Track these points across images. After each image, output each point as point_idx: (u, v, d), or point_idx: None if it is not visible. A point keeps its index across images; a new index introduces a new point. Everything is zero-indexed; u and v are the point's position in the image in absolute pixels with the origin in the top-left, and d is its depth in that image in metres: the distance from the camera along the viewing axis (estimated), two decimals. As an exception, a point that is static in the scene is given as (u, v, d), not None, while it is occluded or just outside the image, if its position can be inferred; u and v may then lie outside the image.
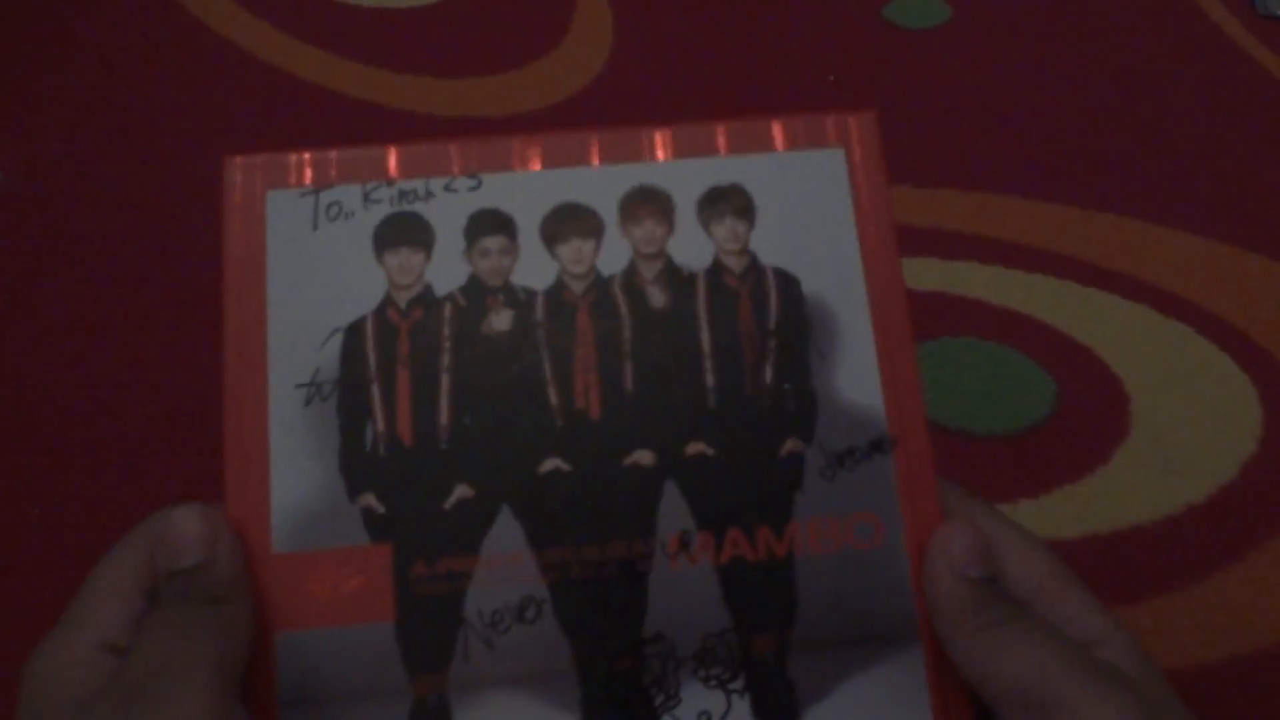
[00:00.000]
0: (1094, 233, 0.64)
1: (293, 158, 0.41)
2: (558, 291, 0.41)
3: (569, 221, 0.41)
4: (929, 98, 0.70)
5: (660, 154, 0.42)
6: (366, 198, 0.41)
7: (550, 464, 0.39)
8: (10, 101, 0.61)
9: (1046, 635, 0.34)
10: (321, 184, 0.41)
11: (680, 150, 0.42)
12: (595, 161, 0.42)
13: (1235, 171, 0.69)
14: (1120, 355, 0.59)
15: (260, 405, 0.39)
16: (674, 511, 0.39)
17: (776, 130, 0.42)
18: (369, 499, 0.38)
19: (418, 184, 0.41)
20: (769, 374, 0.40)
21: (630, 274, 0.41)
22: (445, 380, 0.39)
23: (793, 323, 0.41)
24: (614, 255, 0.41)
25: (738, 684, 0.38)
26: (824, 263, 0.41)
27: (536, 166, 0.42)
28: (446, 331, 0.40)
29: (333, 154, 0.42)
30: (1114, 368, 0.58)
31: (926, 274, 0.57)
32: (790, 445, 0.39)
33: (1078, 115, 0.72)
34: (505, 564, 0.38)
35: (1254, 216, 0.67)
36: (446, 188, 0.41)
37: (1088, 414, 0.52)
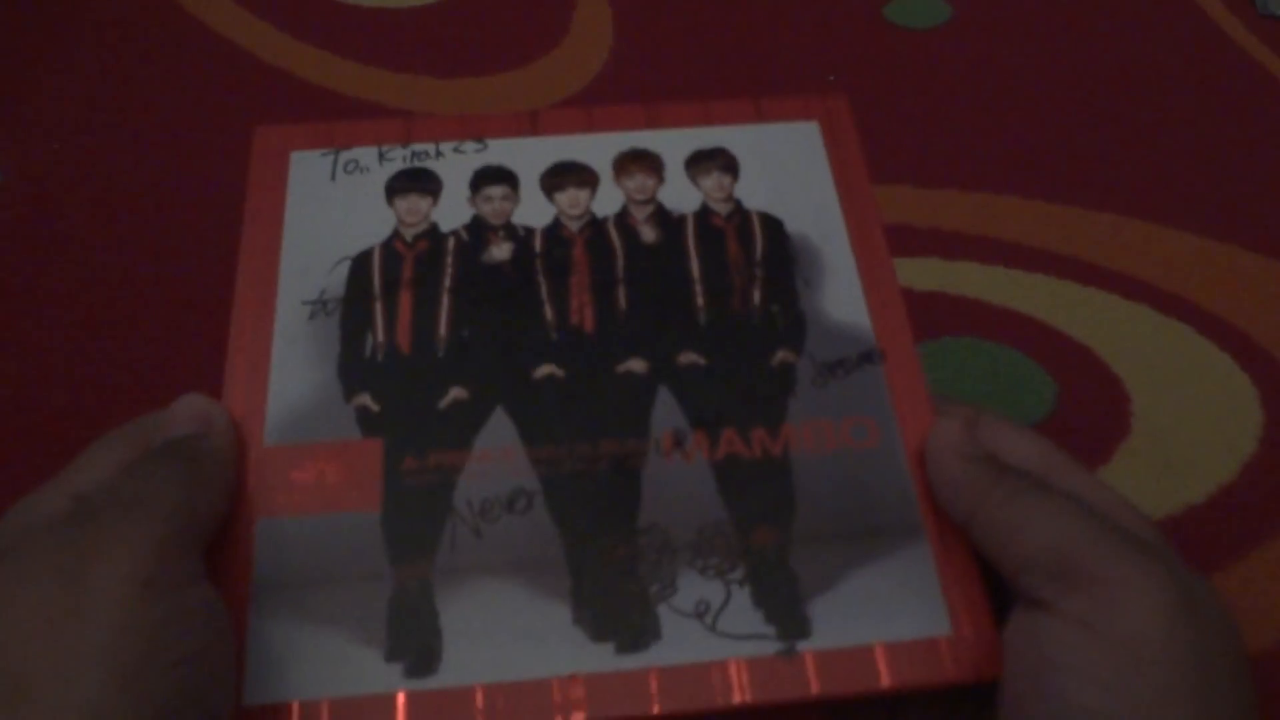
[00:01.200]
0: (1094, 233, 0.63)
1: (319, 125, 0.46)
2: (555, 229, 0.43)
3: (566, 174, 0.44)
4: (929, 98, 0.71)
5: (649, 126, 0.46)
6: (382, 157, 0.45)
7: (545, 370, 0.40)
8: (10, 101, 0.60)
9: (1071, 503, 0.33)
10: (341, 145, 0.45)
11: (668, 123, 0.46)
12: (594, 129, 0.46)
13: (1235, 171, 0.68)
14: (1120, 355, 0.58)
15: (266, 317, 0.40)
16: (667, 414, 0.39)
17: (756, 107, 0.47)
18: (364, 399, 0.39)
19: (429, 146, 0.45)
20: (757, 296, 0.42)
21: (623, 215, 0.44)
22: (446, 300, 0.41)
23: (778, 255, 0.43)
24: (608, 202, 0.44)
25: (737, 574, 0.36)
26: (805, 208, 0.44)
27: (535, 134, 0.46)
28: (449, 260, 0.42)
29: (353, 123, 0.46)
30: (1114, 368, 0.57)
31: (927, 274, 0.59)
32: (781, 356, 0.40)
33: (1078, 115, 0.71)
34: (497, 458, 0.38)
35: (1254, 216, 0.66)
36: (456, 149, 0.45)
37: (1088, 414, 0.52)
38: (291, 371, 0.39)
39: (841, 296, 0.42)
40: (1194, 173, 0.67)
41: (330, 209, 0.43)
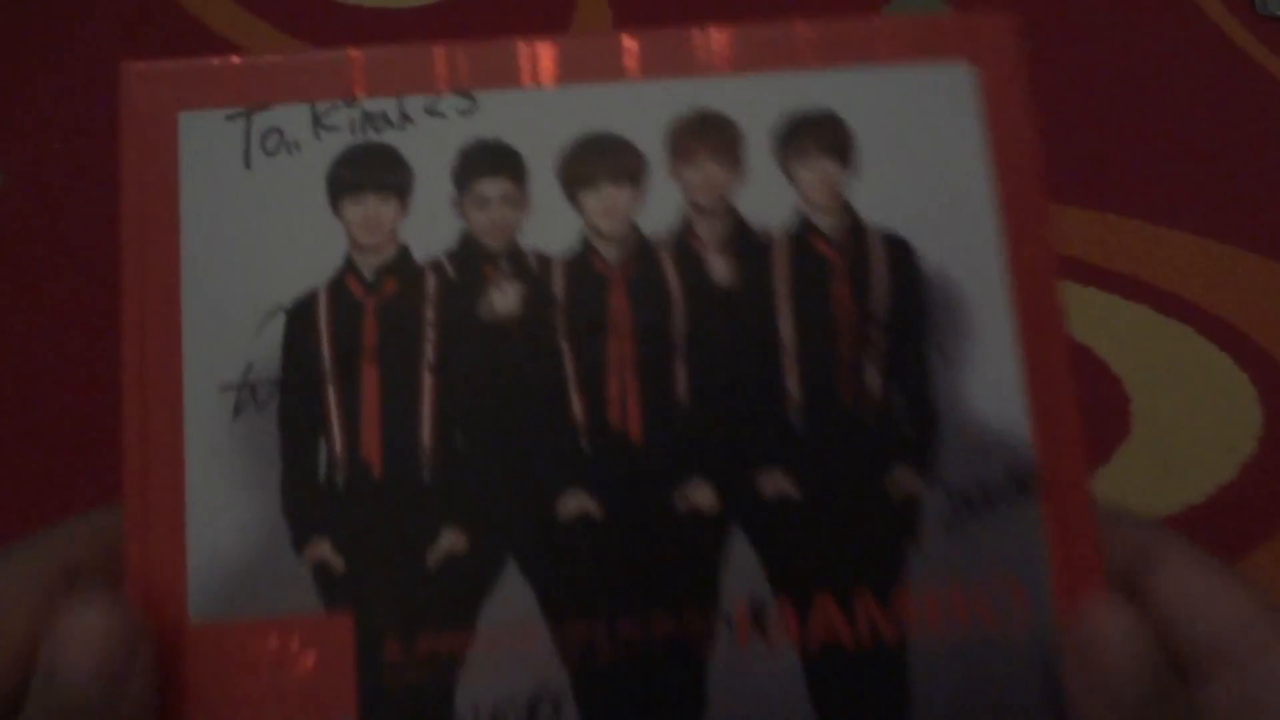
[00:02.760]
0: (1094, 233, 0.65)
1: (216, 64, 0.30)
2: (583, 258, 0.29)
3: (598, 159, 0.29)
4: None
5: (721, 65, 0.30)
6: (318, 122, 0.29)
7: (573, 503, 0.28)
8: (10, 101, 0.61)
9: None
10: (256, 103, 0.29)
11: (749, 61, 0.30)
12: (632, 74, 0.30)
13: (1235, 171, 0.70)
14: (1120, 355, 0.59)
15: (171, 416, 0.28)
16: (742, 571, 0.28)
17: (879, 35, 0.31)
18: (322, 549, 0.28)
19: (388, 104, 0.29)
20: (874, 379, 0.29)
21: (683, 235, 0.29)
22: (428, 382, 0.28)
23: (907, 307, 0.29)
24: (660, 208, 0.30)
25: (827, 807, 0.28)
26: (947, 224, 0.30)
27: (552, 82, 0.30)
28: (430, 314, 0.29)
29: (271, 60, 0.30)
30: (1114, 368, 0.59)
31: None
32: (902, 481, 0.29)
33: (1077, 115, 0.72)
34: (511, 643, 0.28)
35: (1254, 216, 0.68)
36: (429, 110, 0.29)
37: (1088, 414, 0.46)
38: (215, 502, 0.28)
39: (991, 377, 0.29)
40: (1194, 173, 0.67)
41: (247, 219, 0.29)
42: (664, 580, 0.28)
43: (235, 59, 0.30)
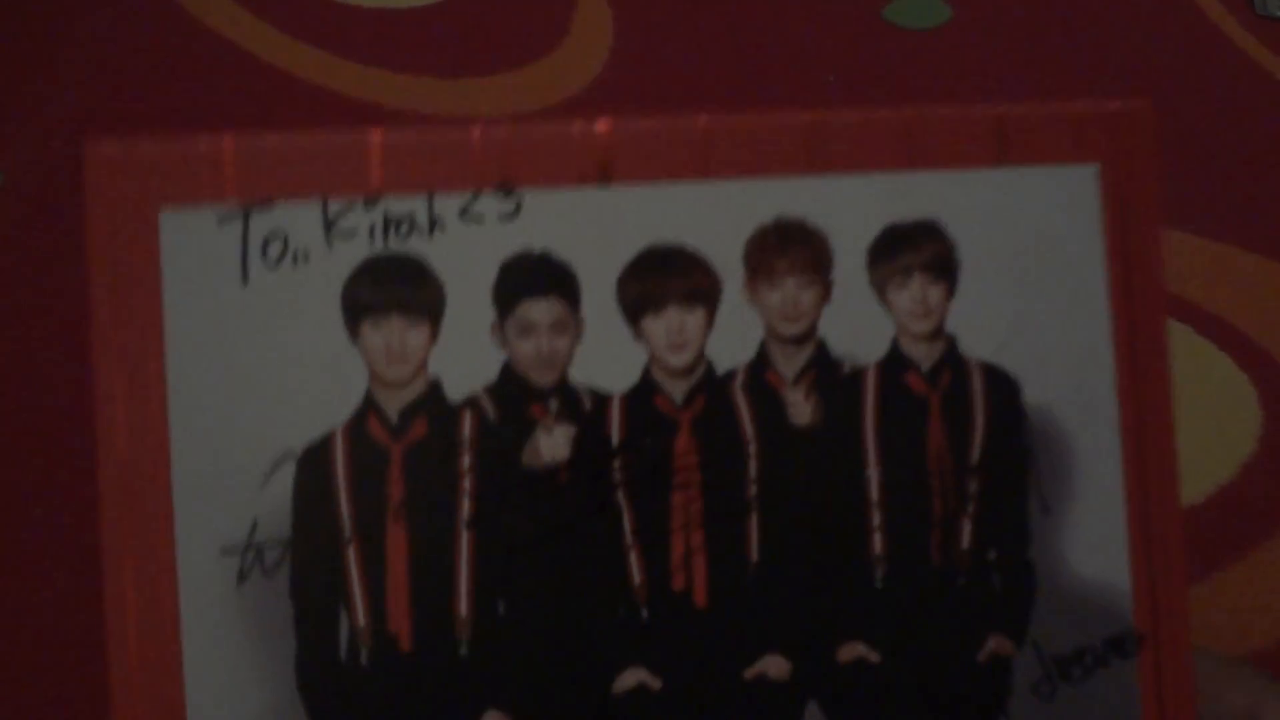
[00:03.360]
0: None
1: (202, 145, 0.24)
2: (645, 396, 0.25)
3: (665, 277, 0.25)
4: (929, 99, 0.69)
5: (810, 163, 0.26)
6: (331, 227, 0.24)
7: (631, 677, 0.25)
8: (10, 101, 0.62)
9: None
10: (255, 199, 0.24)
11: (842, 158, 0.26)
12: (702, 171, 0.25)
13: (1235, 171, 0.69)
14: None
15: (164, 586, 0.24)
16: (817, 749, 0.25)
17: (994, 128, 0.26)
18: (346, 736, 0.24)
19: (417, 204, 0.25)
20: (967, 535, 0.26)
21: (759, 369, 0.26)
22: (465, 543, 0.25)
23: (1007, 454, 0.26)
24: (735, 336, 0.26)
25: None
26: (1058, 355, 0.26)
27: (612, 179, 0.25)
28: (467, 462, 0.25)
29: (271, 143, 0.25)
30: None
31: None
32: (994, 646, 0.26)
33: None
34: (561, 835, 0.25)
35: (1254, 216, 0.67)
36: (464, 212, 0.25)
37: None
38: (219, 685, 0.24)
39: (1095, 533, 0.26)
40: (1194, 173, 0.66)
41: (247, 344, 0.24)
42: (732, 766, 0.25)
43: (228, 139, 0.24)
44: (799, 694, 0.25)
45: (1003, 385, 0.26)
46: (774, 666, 0.25)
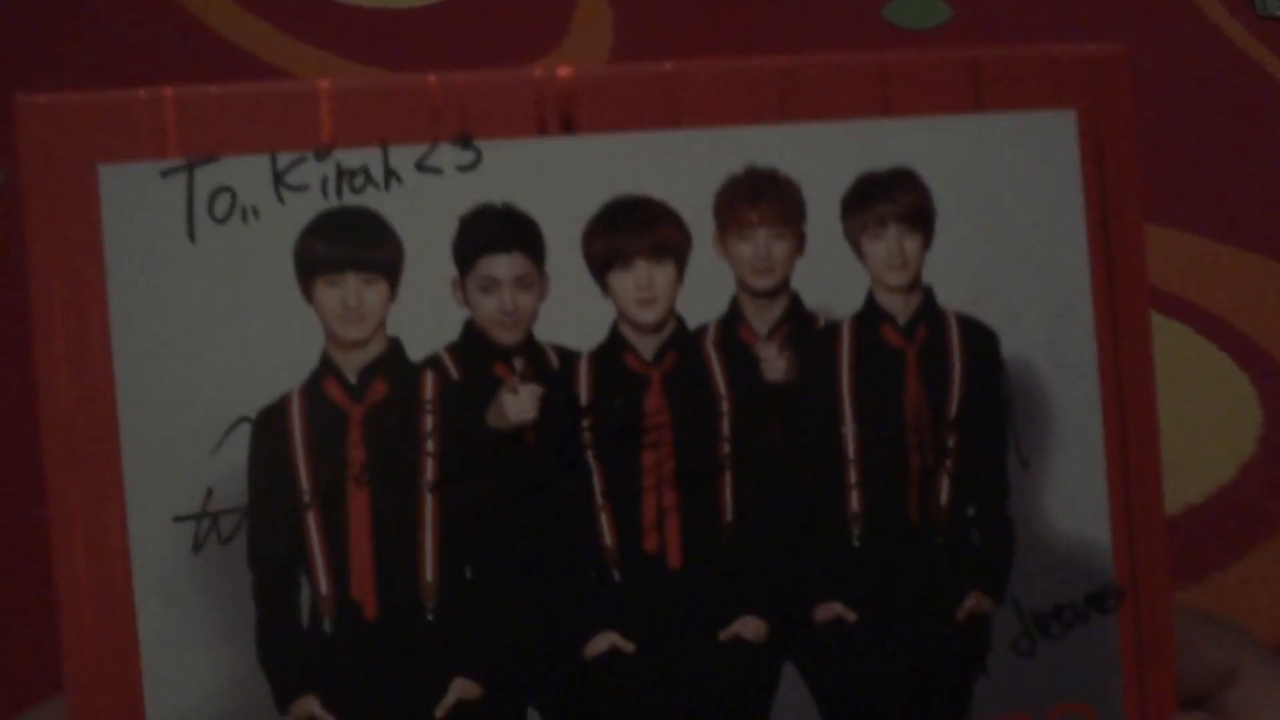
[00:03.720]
0: None
1: (142, 96, 0.23)
2: (614, 353, 0.24)
3: (632, 230, 0.24)
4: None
5: (782, 111, 0.25)
6: (281, 180, 0.23)
7: (604, 641, 0.24)
8: (10, 101, 0.57)
9: None
10: (199, 153, 0.23)
11: (814, 105, 0.25)
12: (670, 119, 0.24)
13: (1235, 171, 0.68)
14: None
15: (115, 557, 0.23)
16: (794, 710, 0.25)
17: (970, 74, 0.25)
18: (310, 706, 0.23)
19: (370, 156, 0.24)
20: (945, 491, 0.25)
21: (731, 324, 0.25)
22: (429, 504, 0.24)
23: (986, 408, 0.25)
24: (706, 290, 0.25)
25: None
26: (1035, 306, 0.26)
27: (575, 129, 0.24)
28: (429, 423, 0.24)
29: (215, 91, 0.23)
30: None
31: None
32: (972, 604, 0.25)
33: None
34: (534, 802, 0.24)
35: (1254, 216, 0.66)
36: (421, 164, 0.24)
37: None
38: (176, 658, 0.23)
39: (1076, 488, 0.26)
40: (1194, 173, 0.66)
41: (195, 304, 0.23)
42: (708, 729, 0.25)
43: (167, 91, 0.23)
44: (775, 655, 0.25)
45: (980, 337, 0.25)
46: (749, 628, 0.25)
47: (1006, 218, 0.25)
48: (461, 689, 0.24)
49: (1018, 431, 0.25)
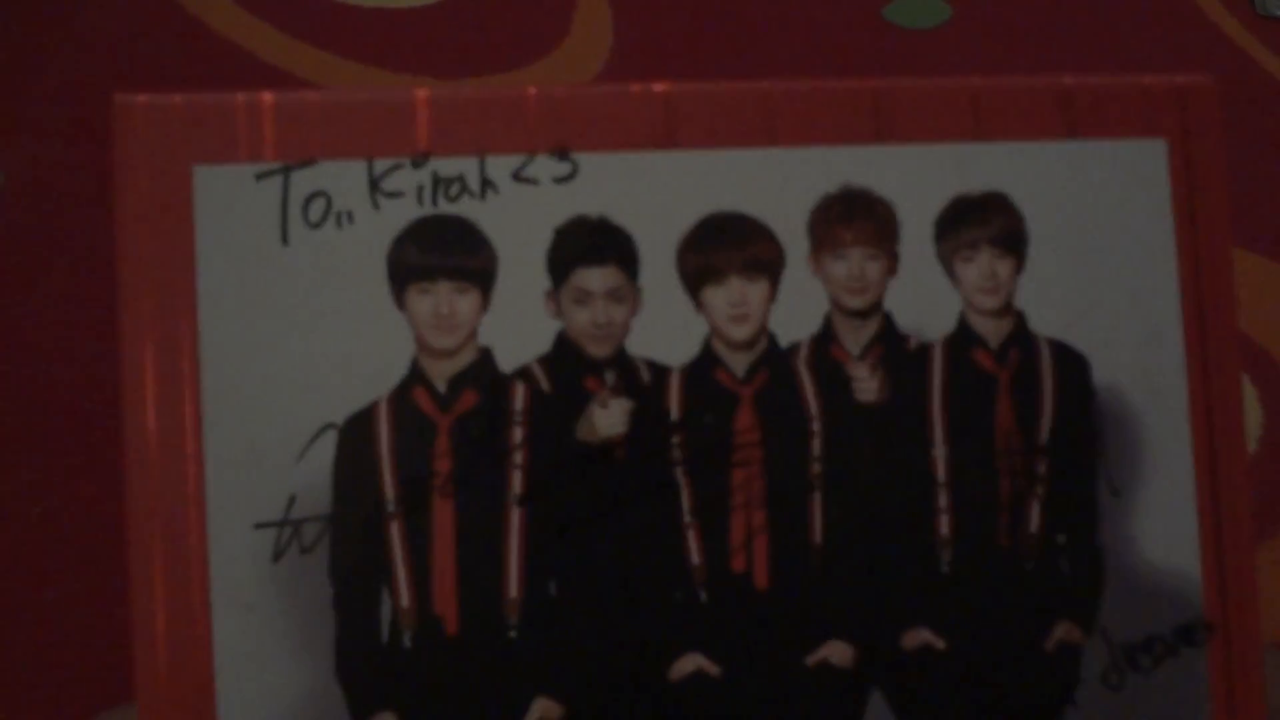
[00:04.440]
0: None
1: (240, 100, 0.23)
2: (706, 369, 0.24)
3: (726, 246, 0.24)
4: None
5: (877, 133, 0.25)
6: (377, 186, 0.23)
7: (689, 663, 0.24)
8: (10, 101, 0.61)
9: None
10: (297, 157, 0.23)
11: (908, 128, 0.25)
12: (765, 138, 0.24)
13: (1235, 172, 0.66)
14: None
15: (194, 564, 0.22)
16: (880, 741, 0.24)
17: (1063, 100, 0.25)
18: (387, 724, 0.23)
19: (467, 165, 0.23)
20: (1035, 518, 0.25)
21: (824, 343, 0.24)
22: (516, 520, 0.23)
23: (1077, 434, 0.25)
24: (799, 309, 0.24)
25: None
26: (1127, 334, 0.25)
27: (672, 143, 0.24)
28: (518, 435, 0.23)
29: (313, 97, 0.23)
30: None
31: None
32: (1061, 633, 0.25)
33: None
34: (614, 831, 0.23)
35: (1254, 216, 0.66)
36: (517, 174, 0.24)
37: None
38: (250, 670, 0.22)
39: (1166, 518, 0.25)
40: None
41: (285, 309, 0.23)
42: (794, 758, 0.24)
43: (267, 96, 0.23)
44: (863, 682, 0.24)
45: (1072, 363, 0.25)
46: (837, 653, 0.24)
47: (1097, 244, 0.25)
48: (543, 709, 0.23)
49: (1108, 459, 0.25)
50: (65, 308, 0.51)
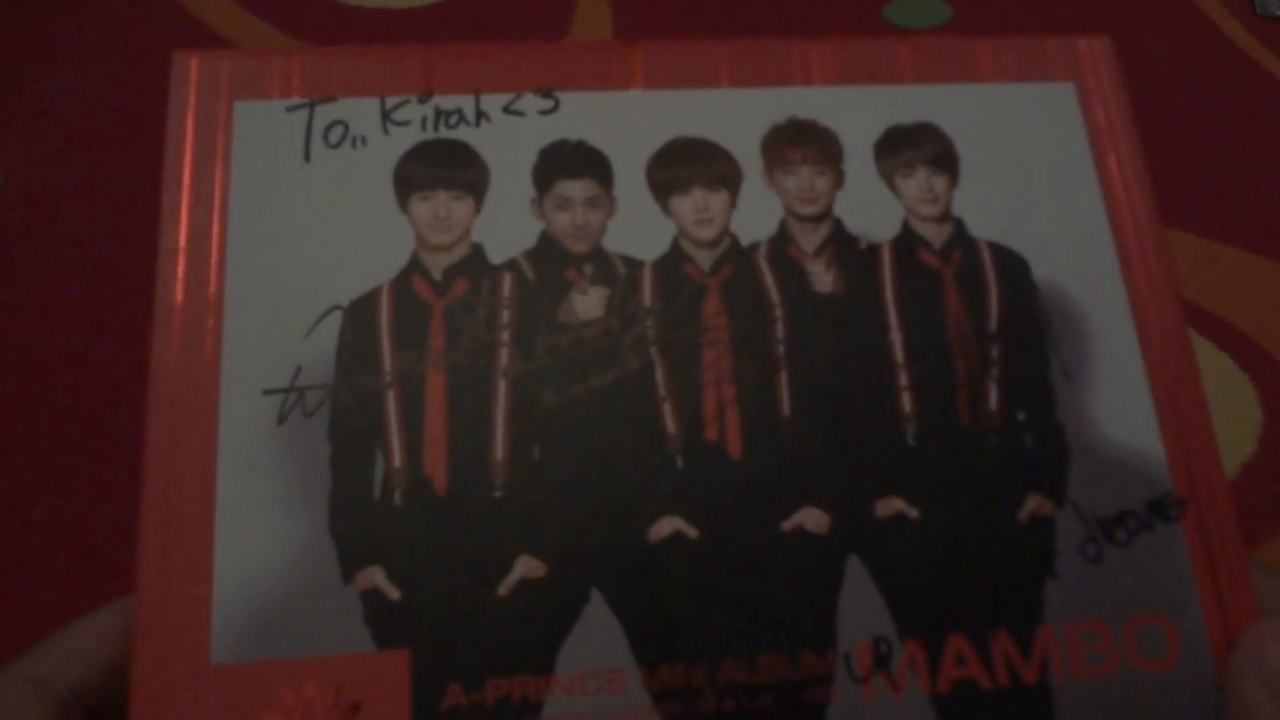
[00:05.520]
0: None
1: (275, 56, 0.28)
2: (675, 263, 0.27)
3: (690, 163, 0.27)
4: None
5: (817, 76, 0.29)
6: (387, 117, 0.27)
7: (667, 525, 0.25)
8: (10, 101, 0.61)
9: None
10: (320, 95, 0.27)
11: (847, 73, 0.29)
12: (724, 82, 0.28)
13: (1235, 171, 0.69)
14: None
15: (204, 421, 0.24)
16: (862, 607, 0.24)
17: (982, 55, 0.30)
18: (375, 576, 0.24)
19: (465, 101, 0.28)
20: (994, 397, 0.26)
21: (780, 243, 0.27)
22: (503, 390, 0.25)
23: (1023, 323, 0.27)
24: (757, 215, 0.27)
25: None
26: (1061, 238, 0.28)
27: (639, 85, 0.28)
28: (505, 316, 0.26)
29: (338, 51, 0.28)
30: None
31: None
32: (1033, 505, 0.26)
33: None
34: (598, 687, 0.23)
35: (1254, 216, 0.67)
36: (508, 108, 0.28)
37: None
38: (249, 522, 0.24)
39: (1119, 397, 0.27)
40: (1194, 173, 0.65)
41: (305, 214, 0.26)
42: (773, 614, 0.24)
43: (299, 54, 0.28)
44: (839, 549, 0.25)
45: (1012, 261, 0.27)
46: (812, 519, 0.25)
47: (1024, 165, 0.28)
48: (527, 567, 0.24)
49: (1057, 345, 0.27)
50: (65, 308, 0.50)
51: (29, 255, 0.56)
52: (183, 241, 0.25)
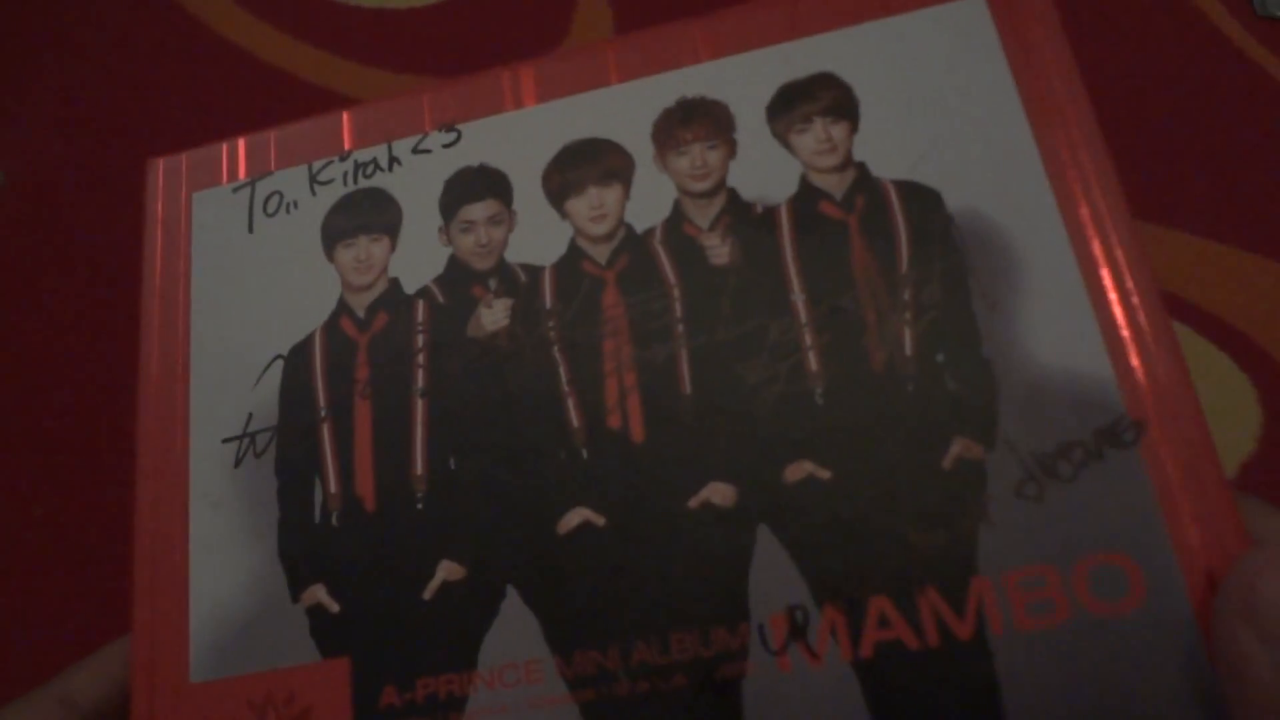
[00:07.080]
0: None
1: (224, 147, 0.31)
2: (572, 263, 0.27)
3: (581, 164, 0.28)
4: None
5: (703, 53, 0.29)
6: (314, 179, 0.30)
7: (575, 517, 0.25)
8: (10, 101, 0.61)
9: None
10: (259, 173, 0.30)
11: (741, 42, 0.29)
12: (613, 79, 0.29)
13: (1235, 171, 0.69)
14: None
15: (178, 474, 0.28)
16: (775, 577, 0.24)
17: (876, -9, 0.28)
18: (318, 593, 0.26)
19: (378, 151, 0.30)
20: (909, 341, 0.25)
21: (675, 223, 0.27)
22: (420, 409, 0.27)
23: (936, 256, 0.25)
24: (651, 202, 0.28)
25: None
26: (978, 163, 0.26)
27: (533, 101, 0.29)
28: (420, 340, 0.28)
29: (271, 134, 0.31)
30: None
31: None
32: (958, 450, 0.24)
33: None
34: (516, 679, 0.24)
35: (1254, 216, 0.67)
36: (415, 149, 0.30)
37: None
38: (216, 556, 0.27)
39: (1054, 319, 0.24)
40: (1194, 173, 0.66)
41: (250, 278, 0.29)
42: (682, 593, 0.24)
43: (243, 140, 0.31)
44: (747, 519, 0.24)
45: (921, 195, 0.26)
46: (718, 493, 0.25)
47: (933, 97, 0.27)
48: (447, 570, 0.25)
49: (979, 276, 0.25)
50: (65, 307, 0.52)
51: (29, 255, 0.54)
52: (156, 323, 0.29)
